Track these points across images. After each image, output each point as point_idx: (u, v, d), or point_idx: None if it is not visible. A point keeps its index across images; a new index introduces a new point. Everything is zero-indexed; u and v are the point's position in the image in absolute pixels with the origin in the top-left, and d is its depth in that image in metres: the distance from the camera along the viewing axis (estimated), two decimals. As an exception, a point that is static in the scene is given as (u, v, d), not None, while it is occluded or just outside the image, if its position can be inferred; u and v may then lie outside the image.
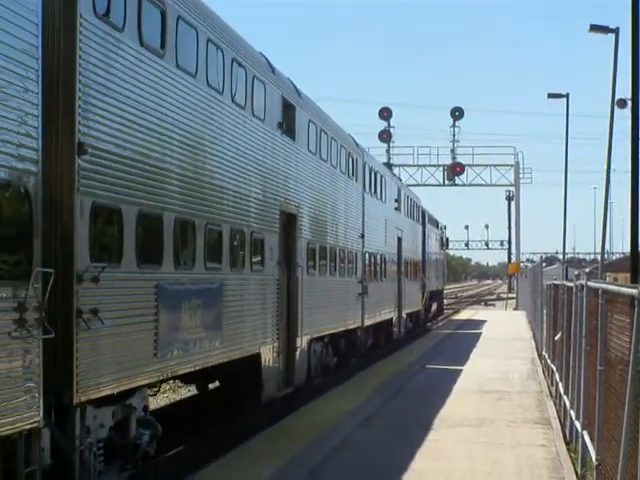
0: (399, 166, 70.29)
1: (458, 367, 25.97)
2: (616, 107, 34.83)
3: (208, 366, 13.98)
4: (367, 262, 28.41)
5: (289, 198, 18.99)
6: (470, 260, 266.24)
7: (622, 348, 9.56)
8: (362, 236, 27.56)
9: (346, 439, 14.71)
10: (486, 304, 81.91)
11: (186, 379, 17.94)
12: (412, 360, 28.13)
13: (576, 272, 16.99)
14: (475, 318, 53.84)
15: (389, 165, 59.64)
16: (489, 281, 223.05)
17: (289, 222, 19.10)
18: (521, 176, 73.21)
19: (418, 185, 69.43)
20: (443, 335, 40.48)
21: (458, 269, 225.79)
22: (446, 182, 72.29)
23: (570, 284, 16.47)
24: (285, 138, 18.70)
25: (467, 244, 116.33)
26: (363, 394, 20.16)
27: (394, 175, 38.97)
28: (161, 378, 12.39)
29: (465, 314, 60.93)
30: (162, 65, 12.24)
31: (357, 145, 27.95)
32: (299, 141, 19.88)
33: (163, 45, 12.27)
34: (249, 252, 16.11)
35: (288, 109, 18.98)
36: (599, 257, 37.20)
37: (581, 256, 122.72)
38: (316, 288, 21.27)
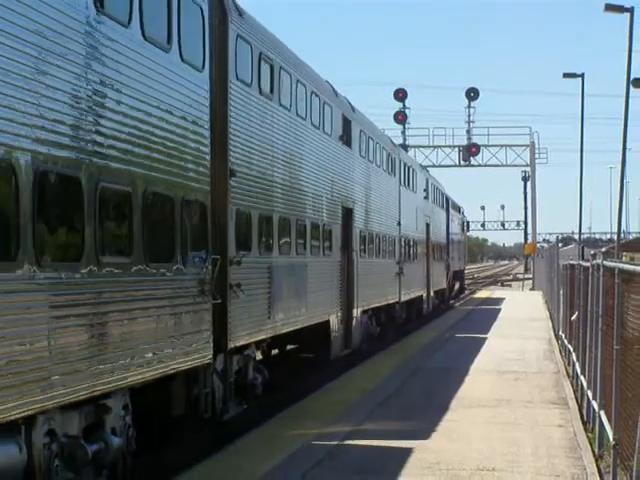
0: (415, 147, 71.06)
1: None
2: (631, 86, 33.80)
3: (297, 328, 18.45)
4: (403, 246, 32.83)
5: (347, 195, 23.42)
6: (486, 241, 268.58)
7: (639, 327, 9.65)
8: (399, 223, 31.99)
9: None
10: (502, 285, 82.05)
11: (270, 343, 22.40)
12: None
13: (592, 252, 17.31)
14: (493, 296, 58.10)
15: (404, 146, 60.96)
16: (505, 262, 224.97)
17: (347, 215, 23.51)
18: (537, 156, 73.71)
19: (434, 166, 69.48)
20: (465, 311, 44.81)
21: (474, 250, 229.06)
22: (462, 163, 72.68)
23: (586, 264, 16.38)
24: (344, 147, 23.13)
25: (483, 225, 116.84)
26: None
27: (422, 167, 43.26)
28: (272, 335, 16.85)
29: (483, 293, 64.49)
30: (271, 105, 16.68)
31: (394, 144, 32.37)
32: (354, 148, 24.31)
33: (272, 90, 16.72)
34: (322, 240, 20.58)
35: (346, 123, 23.41)
36: (615, 237, 36.95)
37: (597, 236, 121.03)
38: (366, 268, 25.69)
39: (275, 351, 20.79)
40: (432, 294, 41.52)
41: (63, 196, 9.49)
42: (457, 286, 56.80)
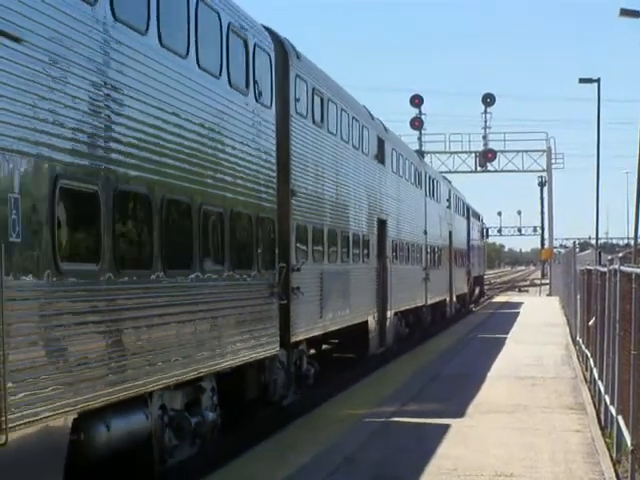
0: (431, 153, 70.97)
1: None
2: None
3: (343, 326, 20.93)
4: (428, 253, 35.32)
5: (382, 208, 25.93)
6: (503, 246, 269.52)
7: None
8: (425, 232, 34.47)
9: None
10: (520, 290, 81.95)
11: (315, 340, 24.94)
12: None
13: (609, 257, 16.85)
14: (511, 301, 60.43)
15: (421, 152, 60.98)
16: (522, 267, 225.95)
17: (381, 226, 26.01)
18: (553, 161, 73.11)
19: (450, 172, 68.93)
20: (485, 315, 47.17)
21: (492, 255, 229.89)
22: (478, 169, 72.16)
23: (603, 269, 16.35)
24: (379, 165, 25.65)
25: (500, 230, 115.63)
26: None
27: (445, 178, 45.71)
28: (322, 332, 19.34)
29: (501, 298, 66.20)
30: (321, 132, 19.22)
31: (420, 159, 34.88)
32: (387, 165, 26.83)
33: (322, 119, 19.25)
34: (362, 249, 23.09)
35: (380, 143, 25.92)
36: (632, 242, 35.88)
37: (614, 241, 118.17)
38: (398, 274, 28.16)
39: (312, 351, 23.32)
40: (454, 298, 43.98)
41: (182, 219, 12.06)
42: (477, 291, 59.24)
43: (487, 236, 70.97)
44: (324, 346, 26.05)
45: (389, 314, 26.66)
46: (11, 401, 7.94)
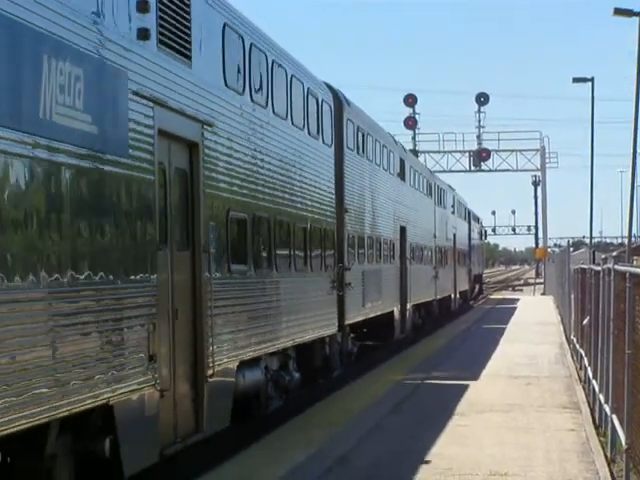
0: (425, 152, 72.08)
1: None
2: None
3: (377, 314, 25.98)
4: (437, 253, 40.43)
5: (402, 217, 31.03)
6: (497, 246, 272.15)
7: None
8: (434, 236, 39.59)
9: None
10: (514, 289, 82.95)
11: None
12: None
13: (603, 256, 16.82)
14: (507, 298, 65.29)
15: (415, 152, 62.74)
16: (517, 266, 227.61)
17: (402, 231, 31.10)
18: (547, 161, 73.95)
19: (444, 171, 69.82)
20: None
21: (486, 255, 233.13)
22: (472, 168, 73.19)
23: (597, 268, 16.38)
24: (400, 181, 30.77)
25: (494, 230, 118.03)
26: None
27: (450, 187, 50.82)
28: (363, 318, 24.38)
29: (497, 296, 70.24)
30: (362, 160, 24.34)
31: (431, 173, 40.07)
32: (406, 181, 31.95)
33: (363, 150, 24.35)
34: (389, 252, 28.19)
35: (402, 163, 31.04)
36: (626, 241, 36.43)
37: (608, 240, 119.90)
38: (414, 273, 33.24)
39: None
40: (458, 295, 49.12)
41: (286, 234, 17.10)
42: (477, 288, 64.49)
43: (485, 237, 76.00)
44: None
45: (408, 306, 31.73)
46: (213, 350, 12.94)
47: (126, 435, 10.20)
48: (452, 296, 46.56)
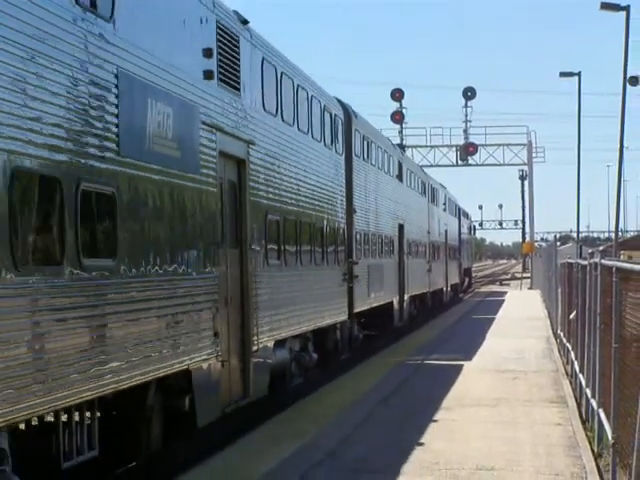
0: (412, 147, 71.81)
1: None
2: (628, 84, 33.78)
3: (380, 304, 28.71)
4: (430, 249, 43.20)
5: (401, 215, 33.78)
6: (484, 240, 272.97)
7: (636, 325, 9.69)
8: (428, 232, 42.36)
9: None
10: (501, 283, 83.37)
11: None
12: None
13: (590, 250, 16.91)
14: (494, 291, 68.16)
15: (402, 147, 62.71)
16: (504, 261, 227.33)
17: (400, 229, 33.84)
18: (534, 155, 74.59)
19: (431, 166, 69.68)
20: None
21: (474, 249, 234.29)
22: (459, 162, 73.25)
23: (584, 262, 16.40)
24: (399, 182, 33.52)
25: (481, 224, 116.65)
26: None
27: (442, 185, 53.58)
28: (368, 307, 27.09)
29: (485, 289, 72.94)
30: (367, 165, 27.07)
31: (425, 173, 42.88)
32: (403, 182, 34.71)
33: (368, 156, 27.09)
34: (389, 247, 30.94)
35: (400, 165, 33.79)
36: (613, 235, 36.56)
37: (595, 234, 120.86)
38: (410, 266, 35.99)
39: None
40: (449, 287, 51.90)
41: (306, 234, 19.78)
42: (467, 281, 67.32)
43: (474, 232, 78.74)
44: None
45: (405, 297, 34.49)
46: (258, 330, 15.65)
47: (200, 395, 12.94)
48: (444, 289, 49.33)
